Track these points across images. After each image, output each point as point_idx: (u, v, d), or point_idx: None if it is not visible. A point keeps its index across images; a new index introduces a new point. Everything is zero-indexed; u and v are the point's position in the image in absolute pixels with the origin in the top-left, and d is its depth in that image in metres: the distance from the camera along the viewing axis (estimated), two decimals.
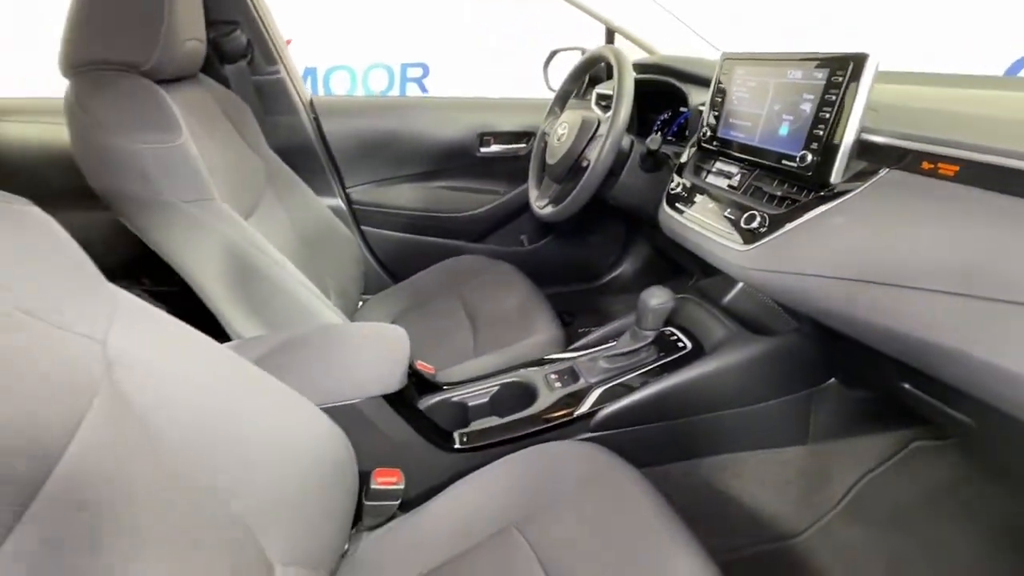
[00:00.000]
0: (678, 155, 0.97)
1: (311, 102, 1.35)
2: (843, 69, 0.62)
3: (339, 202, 1.41)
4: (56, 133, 1.22)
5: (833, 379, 0.88)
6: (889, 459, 0.98)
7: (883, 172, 0.61)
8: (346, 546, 0.71)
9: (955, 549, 0.88)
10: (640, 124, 1.24)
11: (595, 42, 1.48)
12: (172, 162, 0.74)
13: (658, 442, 0.87)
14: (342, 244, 1.31)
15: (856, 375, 0.84)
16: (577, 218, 1.05)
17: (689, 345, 0.90)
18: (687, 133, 1.02)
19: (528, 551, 0.63)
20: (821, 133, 0.65)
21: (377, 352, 0.74)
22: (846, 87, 0.62)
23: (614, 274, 1.67)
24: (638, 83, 0.98)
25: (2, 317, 0.38)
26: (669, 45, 1.35)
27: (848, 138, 0.63)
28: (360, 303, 1.35)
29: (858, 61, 0.61)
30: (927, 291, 0.53)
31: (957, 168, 0.54)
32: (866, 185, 0.62)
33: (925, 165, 0.57)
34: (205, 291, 0.82)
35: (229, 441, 0.53)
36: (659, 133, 1.04)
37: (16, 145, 1.15)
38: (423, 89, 3.48)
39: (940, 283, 0.52)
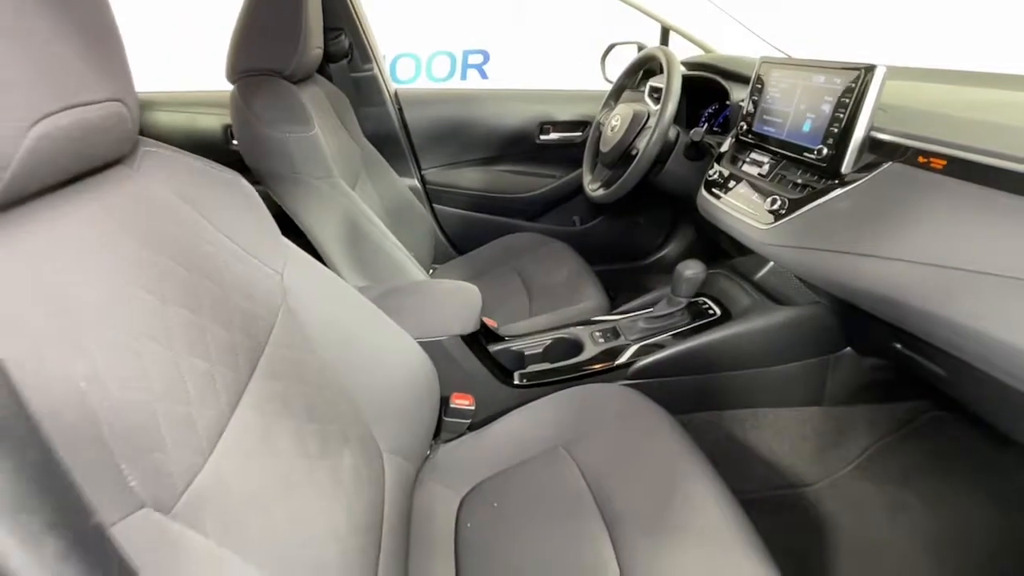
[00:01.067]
0: (719, 145, 1.09)
1: (396, 93, 1.55)
2: (856, 77, 0.74)
3: (416, 182, 1.61)
4: (193, 121, 1.48)
5: (848, 348, 0.99)
6: (903, 427, 1.08)
7: (886, 165, 0.73)
8: (428, 452, 0.91)
9: (954, 504, 0.98)
10: (689, 116, 1.35)
11: (653, 34, 1.58)
12: (308, 148, 0.96)
13: (686, 392, 1.02)
14: (417, 219, 1.52)
15: (869, 344, 0.95)
16: (626, 201, 1.19)
17: (718, 312, 1.04)
18: (729, 126, 1.14)
19: (573, 466, 0.80)
20: (836, 130, 0.77)
21: (456, 302, 0.93)
22: (858, 92, 0.73)
23: (659, 255, 1.79)
24: (687, 79, 1.10)
25: (236, 251, 0.59)
26: (726, 43, 1.44)
27: (858, 135, 0.74)
28: (431, 271, 1.55)
29: (869, 71, 0.72)
30: (918, 263, 0.65)
31: (945, 162, 0.66)
32: (872, 175, 0.74)
33: (921, 159, 0.69)
34: (325, 249, 1.04)
35: (357, 353, 0.73)
36: (705, 125, 1.16)
37: (165, 131, 1.42)
38: (483, 75, 3.64)
39: (928, 256, 0.64)
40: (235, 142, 1.09)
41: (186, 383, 0.44)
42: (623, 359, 0.99)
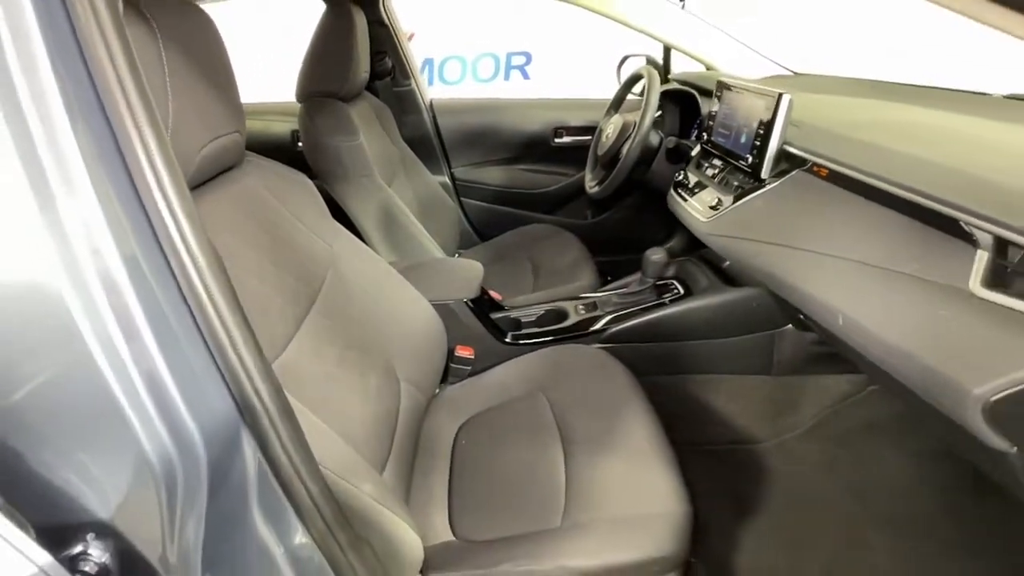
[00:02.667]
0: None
1: (431, 103, 1.82)
2: (773, 103, 0.93)
3: (446, 179, 1.88)
4: (268, 126, 1.81)
5: (790, 325, 1.17)
6: (846, 398, 1.25)
7: (794, 172, 0.92)
8: (437, 391, 1.17)
9: (880, 461, 1.15)
10: (684, 125, 1.54)
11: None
12: (354, 153, 1.25)
13: (653, 357, 1.23)
14: (447, 210, 1.79)
15: (802, 322, 1.13)
16: (631, 198, 1.38)
17: (682, 291, 1.24)
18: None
19: (547, 405, 1.04)
20: (759, 143, 0.96)
21: (461, 275, 1.19)
22: (772, 114, 0.92)
23: (664, 248, 1.97)
24: (677, 92, 1.30)
25: (301, 228, 0.87)
26: (728, 59, 1.61)
27: (772, 148, 0.93)
28: (456, 254, 1.82)
29: (780, 98, 0.91)
30: (801, 250, 0.84)
31: (827, 172, 0.84)
32: (783, 180, 0.93)
33: (815, 168, 0.87)
34: (365, 231, 1.33)
35: (383, 307, 1.00)
36: (694, 133, 1.35)
37: (248, 134, 1.76)
38: (525, 76, 3.84)
39: (809, 245, 0.83)
40: (300, 144, 1.40)
41: (272, 300, 0.72)
42: (597, 326, 1.22)
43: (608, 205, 1.92)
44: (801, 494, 1.15)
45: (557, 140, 1.84)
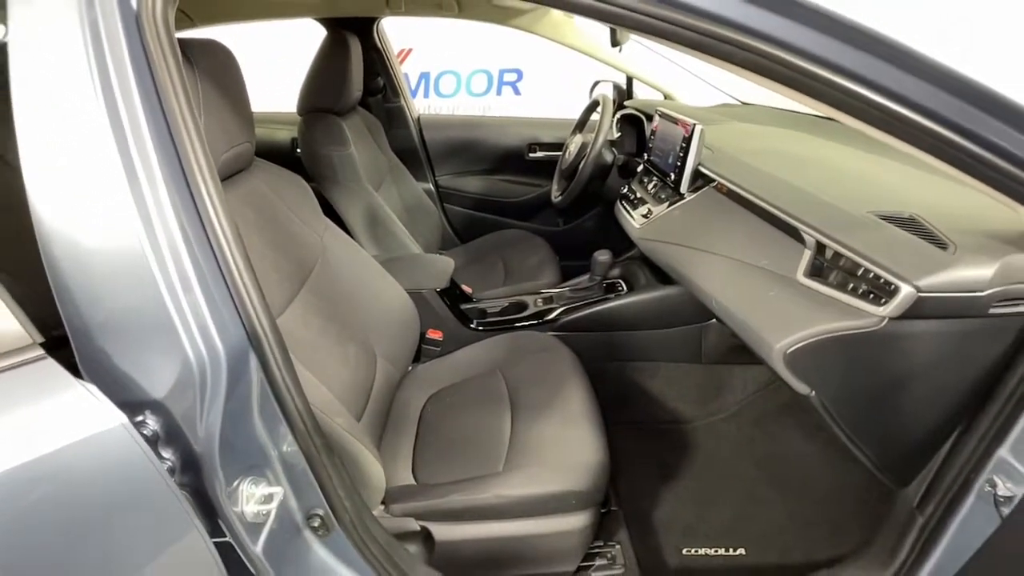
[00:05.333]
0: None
1: (418, 119, 2.03)
2: (690, 130, 1.13)
3: (431, 186, 2.08)
4: (272, 133, 2.01)
5: (713, 319, 1.36)
6: (767, 386, 1.44)
7: (705, 188, 1.12)
8: (409, 368, 1.35)
9: (787, 438, 1.34)
10: (639, 145, 1.75)
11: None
12: (345, 161, 1.44)
13: (599, 345, 1.42)
14: (430, 214, 1.98)
15: None
16: (599, 207, 1.57)
17: (625, 288, 1.43)
18: None
19: (502, 381, 1.22)
20: (679, 164, 1.16)
21: (434, 268, 1.38)
22: (688, 140, 1.13)
23: (628, 255, 2.18)
24: (631, 116, 1.51)
25: (295, 220, 1.06)
26: (684, 89, 1.82)
27: (689, 168, 1.13)
28: (438, 254, 2.01)
29: (694, 127, 1.11)
30: (698, 250, 1.03)
31: (726, 189, 1.04)
32: (696, 195, 1.13)
33: (718, 186, 1.08)
34: (352, 228, 1.52)
35: (365, 292, 1.19)
36: (646, 152, 1.56)
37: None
38: (516, 92, 4.05)
39: (707, 246, 1.03)
40: (298, 151, 1.60)
41: (270, 275, 0.90)
42: (551, 316, 1.41)
43: (577, 214, 2.12)
44: (715, 464, 1.34)
45: (531, 155, 2.04)
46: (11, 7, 0.51)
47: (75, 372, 0.53)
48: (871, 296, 0.66)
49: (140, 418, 0.54)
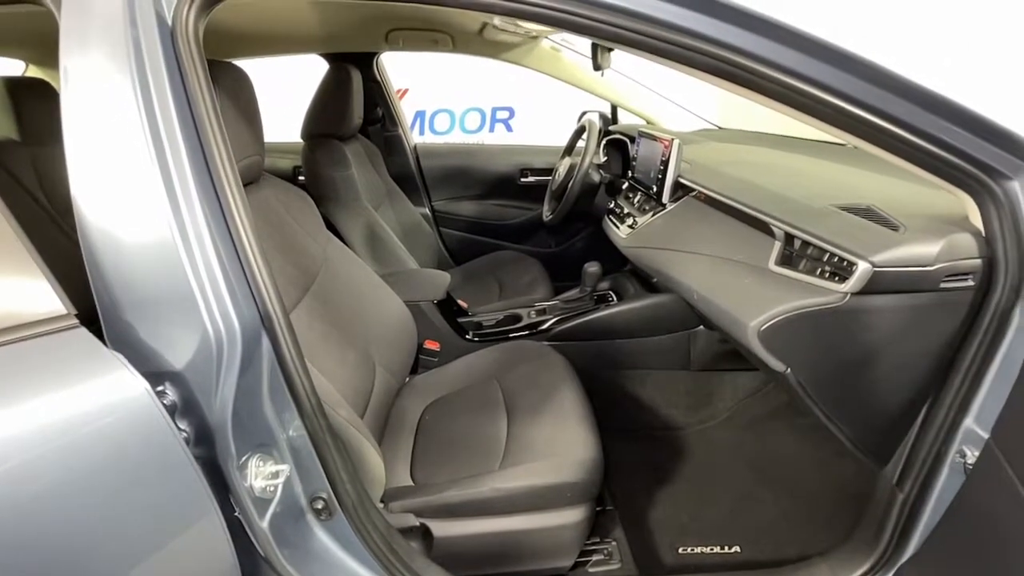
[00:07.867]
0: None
1: (415, 147, 2.13)
2: (669, 145, 1.22)
3: (427, 210, 2.16)
4: (274, 162, 2.10)
5: (701, 326, 1.42)
6: (756, 392, 1.48)
7: (685, 197, 1.20)
8: (407, 379, 1.39)
9: (778, 440, 1.37)
10: (624, 165, 1.84)
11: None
12: (346, 182, 1.53)
13: (591, 353, 1.46)
14: (426, 237, 2.06)
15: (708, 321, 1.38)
16: (587, 228, 1.65)
17: (615, 299, 1.49)
18: None
19: (499, 389, 1.26)
20: (660, 177, 1.24)
21: (430, 281, 1.44)
22: (668, 155, 1.21)
23: (619, 271, 2.25)
24: (616, 140, 1.61)
25: (300, 231, 1.12)
26: (666, 116, 1.94)
27: (669, 180, 1.22)
28: None
29: (672, 142, 1.20)
30: (681, 251, 1.10)
31: (703, 197, 1.12)
32: (677, 204, 1.21)
33: (697, 194, 1.15)
34: (353, 246, 1.58)
35: (364, 303, 1.24)
36: (630, 170, 1.65)
37: None
38: (508, 128, 4.21)
39: (689, 247, 1.09)
40: (301, 178, 1.69)
41: (276, 278, 0.95)
42: (544, 327, 1.46)
43: (568, 235, 2.20)
44: (708, 466, 1.36)
45: (523, 179, 2.14)
46: (64, 30, 0.59)
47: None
48: (835, 277, 0.72)
49: (160, 388, 0.58)
